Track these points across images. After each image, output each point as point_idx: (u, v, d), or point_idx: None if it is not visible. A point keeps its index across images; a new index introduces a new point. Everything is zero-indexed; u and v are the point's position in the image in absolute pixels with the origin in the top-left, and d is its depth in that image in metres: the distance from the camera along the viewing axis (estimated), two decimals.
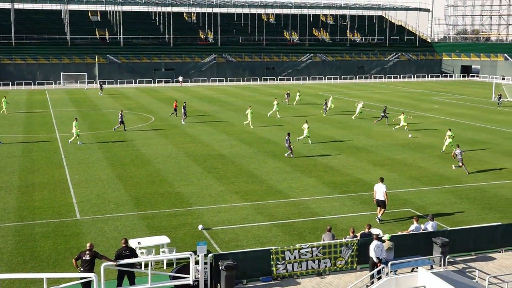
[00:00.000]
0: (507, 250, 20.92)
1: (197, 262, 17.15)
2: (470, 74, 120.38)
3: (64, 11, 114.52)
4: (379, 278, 17.66)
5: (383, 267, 17.60)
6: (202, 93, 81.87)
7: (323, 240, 19.43)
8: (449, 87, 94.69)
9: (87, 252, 16.49)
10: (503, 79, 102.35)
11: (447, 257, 19.10)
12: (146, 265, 18.99)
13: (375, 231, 20.14)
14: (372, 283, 17.51)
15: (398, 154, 38.35)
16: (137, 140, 43.11)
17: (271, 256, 18.15)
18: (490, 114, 59.03)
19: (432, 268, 18.71)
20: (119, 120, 46.92)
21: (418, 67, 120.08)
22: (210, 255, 17.64)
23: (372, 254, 18.04)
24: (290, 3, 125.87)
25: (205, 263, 17.31)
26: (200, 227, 23.22)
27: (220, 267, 17.26)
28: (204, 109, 62.45)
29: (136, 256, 17.29)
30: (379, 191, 24.40)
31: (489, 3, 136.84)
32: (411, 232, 20.39)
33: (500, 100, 67.09)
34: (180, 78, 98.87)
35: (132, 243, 19.43)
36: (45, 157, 36.83)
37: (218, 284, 17.50)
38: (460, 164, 33.38)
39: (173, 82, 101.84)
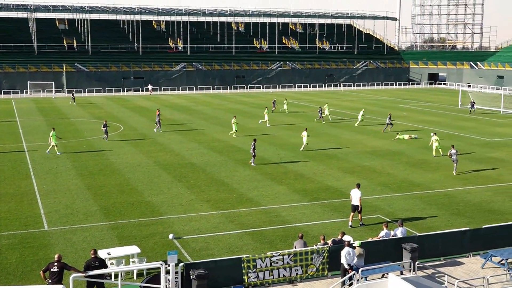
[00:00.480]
0: (474, 255, 21.24)
1: (168, 272, 16.99)
2: (437, 82, 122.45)
3: (31, 19, 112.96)
4: (350, 285, 17.77)
5: (354, 274, 17.71)
6: (172, 102, 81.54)
7: (295, 248, 19.46)
8: (416, 95, 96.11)
9: (55, 264, 16.21)
10: (469, 86, 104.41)
11: (417, 262, 19.32)
12: (116, 276, 18.73)
13: (346, 238, 20.25)
14: None
15: (368, 161, 38.71)
16: (106, 149, 42.65)
17: (243, 265, 18.10)
18: (457, 121, 60.05)
19: (402, 273, 18.89)
20: (104, 129, 46.23)
21: (386, 75, 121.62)
22: (181, 264, 17.50)
23: (343, 260, 18.13)
24: (260, 11, 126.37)
25: (176, 272, 17.16)
26: (170, 236, 23.03)
27: (191, 277, 17.14)
28: (174, 117, 62.14)
29: (105, 266, 17.06)
30: (355, 197, 24.68)
31: (454, 12, 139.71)
32: (381, 239, 20.57)
33: (474, 108, 68.31)
34: (150, 87, 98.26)
35: (102, 253, 19.17)
36: (12, 167, 36.15)
37: None
38: (455, 164, 34.93)
39: (142, 90, 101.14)
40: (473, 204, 28.39)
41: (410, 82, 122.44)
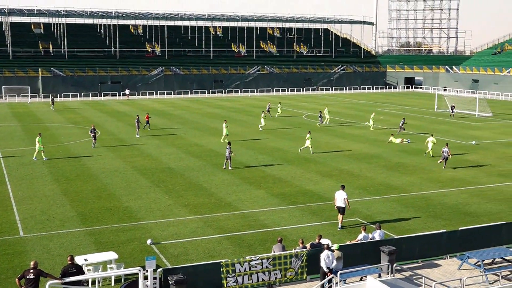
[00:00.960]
0: (451, 257, 21.46)
1: (146, 278, 16.87)
2: (413, 86, 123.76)
3: (5, 23, 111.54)
4: None
5: (333, 277, 17.76)
6: (150, 106, 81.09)
7: (273, 252, 19.46)
8: (393, 98, 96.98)
9: (31, 271, 15.97)
10: (445, 90, 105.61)
11: (395, 265, 19.45)
12: (94, 282, 18.57)
13: (324, 241, 20.32)
14: None
15: (345, 164, 38.90)
16: (83, 154, 42.25)
17: (221, 269, 18.03)
18: (434, 124, 60.68)
19: (380, 276, 18.99)
20: (92, 135, 45.57)
21: (363, 79, 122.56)
22: (159, 270, 17.38)
23: (322, 264, 18.18)
24: (237, 16, 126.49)
25: (154, 278, 17.04)
26: (148, 241, 22.88)
27: (170, 282, 17.03)
28: (151, 122, 61.67)
29: (82, 273, 16.86)
30: (339, 198, 24.85)
31: (430, 17, 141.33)
32: (359, 242, 20.67)
33: (454, 111, 69.17)
34: (127, 91, 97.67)
35: (79, 260, 18.96)
36: None
37: None
38: (441, 160, 37.55)
39: (119, 95, 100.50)
40: (450, 207, 28.69)
41: (387, 86, 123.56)
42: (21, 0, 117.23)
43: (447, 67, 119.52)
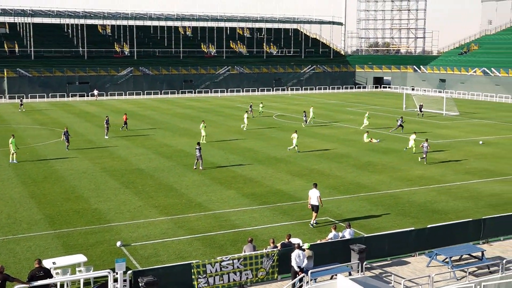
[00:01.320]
0: (420, 254, 21.74)
1: (116, 280, 16.69)
2: (382, 85, 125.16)
3: None
4: (300, 287, 17.87)
5: (304, 276, 17.83)
6: (119, 107, 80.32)
7: (244, 252, 19.44)
8: (363, 98, 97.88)
9: None
10: (413, 89, 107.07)
11: (365, 263, 19.62)
12: (62, 286, 18.30)
13: (295, 240, 20.38)
14: None
15: (316, 164, 39.10)
16: (51, 156, 41.61)
17: (192, 270, 17.95)
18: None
19: (350, 274, 19.13)
20: (65, 138, 44.55)
21: (332, 78, 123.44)
22: (130, 272, 17.22)
23: (293, 263, 18.23)
24: (207, 16, 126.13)
25: (124, 280, 16.87)
26: (118, 243, 22.64)
27: (140, 284, 16.88)
28: (120, 122, 61.01)
29: (50, 276, 16.59)
30: (313, 197, 25.04)
31: (398, 17, 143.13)
32: (329, 240, 20.80)
33: (422, 110, 70.09)
34: (95, 92, 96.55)
35: (47, 263, 18.66)
36: None
37: None
38: (424, 155, 39.19)
39: (88, 96, 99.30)
40: (418, 205, 29.06)
41: (356, 86, 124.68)
42: None
43: (415, 66, 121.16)
